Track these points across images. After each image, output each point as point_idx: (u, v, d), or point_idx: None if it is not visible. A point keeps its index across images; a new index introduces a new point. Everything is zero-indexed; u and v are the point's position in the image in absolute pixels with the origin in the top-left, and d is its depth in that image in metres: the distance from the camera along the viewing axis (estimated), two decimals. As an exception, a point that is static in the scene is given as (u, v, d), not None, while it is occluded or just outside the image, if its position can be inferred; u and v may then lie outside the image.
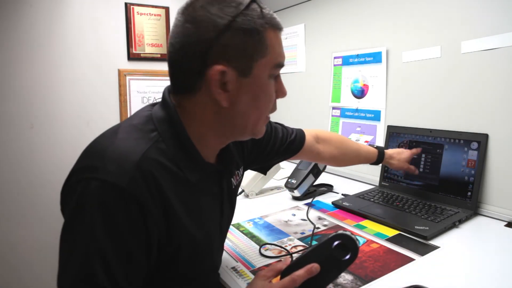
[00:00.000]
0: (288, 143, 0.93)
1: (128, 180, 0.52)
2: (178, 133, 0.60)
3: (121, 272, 0.52)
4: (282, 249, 0.91)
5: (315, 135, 1.02)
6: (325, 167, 1.37)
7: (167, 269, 0.61)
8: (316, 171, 1.32)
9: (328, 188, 1.41)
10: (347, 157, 1.10)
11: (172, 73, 0.61)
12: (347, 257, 0.59)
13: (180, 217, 0.59)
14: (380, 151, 1.15)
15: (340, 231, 0.60)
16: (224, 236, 0.78)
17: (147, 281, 0.59)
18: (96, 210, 0.50)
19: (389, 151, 1.18)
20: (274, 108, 0.69)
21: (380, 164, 1.22)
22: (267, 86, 0.62)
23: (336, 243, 0.59)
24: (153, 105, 0.66)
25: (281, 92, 0.67)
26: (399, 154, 1.19)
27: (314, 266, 0.59)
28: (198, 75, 0.57)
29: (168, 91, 0.63)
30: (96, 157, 0.55)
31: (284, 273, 0.63)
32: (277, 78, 0.66)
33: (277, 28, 0.61)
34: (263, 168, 0.98)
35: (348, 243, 0.59)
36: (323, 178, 1.44)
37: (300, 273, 0.59)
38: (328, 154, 1.04)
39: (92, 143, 0.59)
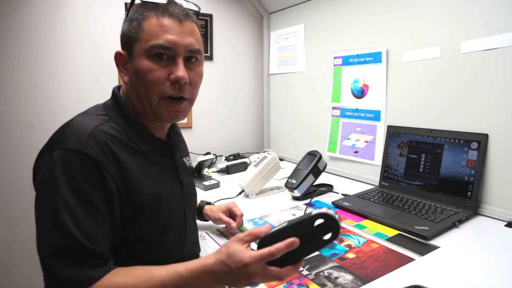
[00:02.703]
0: None
1: (84, 145, 0.62)
2: (125, 115, 0.72)
3: (89, 225, 0.60)
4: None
5: None
6: (325, 167, 1.36)
7: (131, 231, 0.68)
8: (316, 171, 1.32)
9: (328, 188, 1.41)
10: None
11: None
12: (328, 237, 0.58)
13: (135, 178, 0.67)
14: (200, 205, 1.08)
15: (324, 210, 0.58)
16: (192, 214, 0.86)
17: (113, 247, 0.66)
18: (60, 172, 0.60)
19: (207, 206, 1.09)
20: (171, 91, 0.70)
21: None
22: (145, 65, 0.68)
23: (318, 222, 0.58)
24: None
25: (174, 75, 0.69)
26: (216, 207, 1.08)
27: (295, 241, 0.58)
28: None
29: (115, 88, 0.77)
30: (57, 135, 0.67)
31: (262, 241, 0.61)
32: (173, 61, 0.69)
33: (164, 15, 0.68)
34: None
35: (331, 224, 0.58)
36: (323, 178, 1.44)
37: (280, 246, 0.58)
38: None
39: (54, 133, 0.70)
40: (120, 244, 0.68)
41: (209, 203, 1.10)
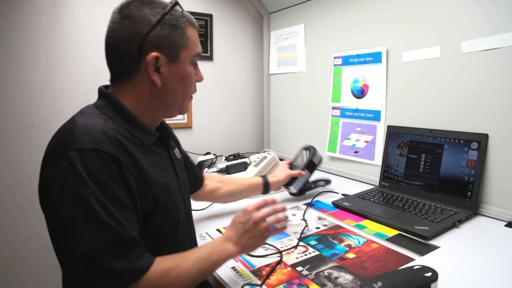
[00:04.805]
0: (194, 169, 1.08)
1: (100, 143, 0.63)
2: (122, 112, 0.73)
3: (124, 218, 0.62)
4: (272, 247, 0.92)
5: (213, 177, 1.18)
6: (320, 161, 1.34)
7: (150, 224, 0.71)
8: (311, 166, 1.30)
9: (326, 182, 1.39)
10: (235, 191, 1.18)
11: (112, 63, 0.74)
12: None
13: (147, 170, 0.70)
14: (265, 179, 1.23)
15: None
16: (188, 203, 0.89)
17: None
18: (83, 172, 0.60)
19: (270, 176, 1.26)
20: (195, 90, 0.83)
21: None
22: (189, 70, 0.77)
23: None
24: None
25: (199, 77, 0.82)
26: (279, 171, 1.29)
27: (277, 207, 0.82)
28: (137, 61, 0.71)
29: (103, 88, 0.77)
30: (65, 137, 0.65)
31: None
32: (195, 65, 0.81)
33: (195, 25, 0.78)
34: None
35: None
36: (321, 174, 1.44)
37: (268, 199, 0.83)
38: (223, 193, 1.16)
39: (54, 136, 0.69)
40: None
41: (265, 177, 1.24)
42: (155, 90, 0.74)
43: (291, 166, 1.33)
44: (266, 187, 1.21)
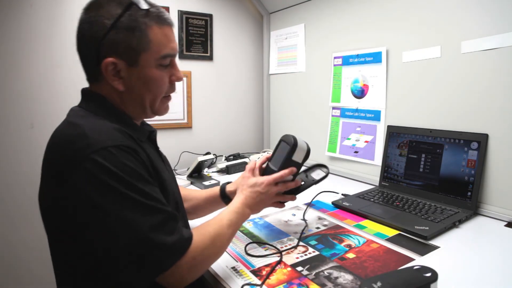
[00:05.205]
0: None
1: (118, 139, 0.65)
2: (112, 112, 0.73)
3: (156, 194, 0.66)
4: (271, 247, 0.91)
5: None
6: (306, 156, 0.94)
7: None
8: (296, 165, 0.93)
9: (321, 168, 1.09)
10: (193, 202, 1.04)
11: (82, 66, 0.74)
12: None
13: (156, 165, 0.73)
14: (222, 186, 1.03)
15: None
16: (181, 199, 0.89)
17: None
18: (113, 167, 0.61)
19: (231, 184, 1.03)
20: (170, 90, 0.80)
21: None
22: (154, 73, 0.73)
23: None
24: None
25: (176, 77, 0.78)
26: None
27: (293, 169, 0.92)
28: (96, 66, 0.69)
29: (87, 89, 0.77)
30: (78, 142, 0.64)
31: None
32: (172, 64, 0.77)
33: (163, 24, 0.72)
34: None
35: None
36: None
37: (285, 171, 0.90)
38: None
39: (57, 144, 0.68)
40: None
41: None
42: (123, 94, 0.73)
43: (267, 167, 0.97)
44: (223, 196, 1.01)
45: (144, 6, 0.70)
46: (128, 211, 0.62)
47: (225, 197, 1.00)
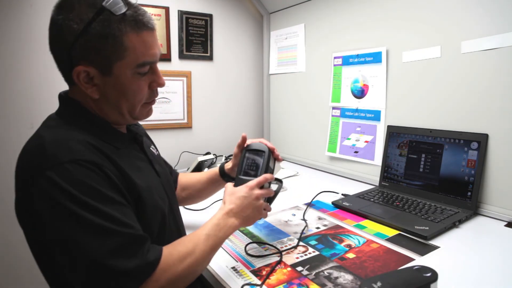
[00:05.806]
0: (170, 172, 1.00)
1: (77, 152, 0.60)
2: (88, 118, 0.69)
3: (124, 217, 0.61)
4: (271, 247, 0.91)
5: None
6: (269, 149, 0.91)
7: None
8: (264, 149, 0.91)
9: (278, 182, 0.97)
10: (196, 187, 1.07)
11: (57, 68, 0.69)
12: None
13: (129, 174, 0.67)
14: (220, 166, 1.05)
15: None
16: (173, 200, 0.86)
17: None
18: (69, 186, 0.57)
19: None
20: (152, 96, 0.75)
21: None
22: (131, 83, 0.68)
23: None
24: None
25: (157, 83, 0.73)
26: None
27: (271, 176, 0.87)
28: (69, 71, 0.65)
29: (63, 94, 0.73)
30: (36, 155, 0.61)
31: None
32: (153, 70, 0.71)
33: (142, 28, 0.65)
34: None
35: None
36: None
37: (266, 175, 0.86)
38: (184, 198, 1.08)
39: (21, 155, 0.67)
40: None
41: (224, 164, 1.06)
42: (98, 101, 0.69)
43: (238, 180, 0.88)
44: (223, 175, 1.03)
45: (120, 10, 0.62)
46: (81, 233, 0.56)
47: (225, 175, 1.03)
